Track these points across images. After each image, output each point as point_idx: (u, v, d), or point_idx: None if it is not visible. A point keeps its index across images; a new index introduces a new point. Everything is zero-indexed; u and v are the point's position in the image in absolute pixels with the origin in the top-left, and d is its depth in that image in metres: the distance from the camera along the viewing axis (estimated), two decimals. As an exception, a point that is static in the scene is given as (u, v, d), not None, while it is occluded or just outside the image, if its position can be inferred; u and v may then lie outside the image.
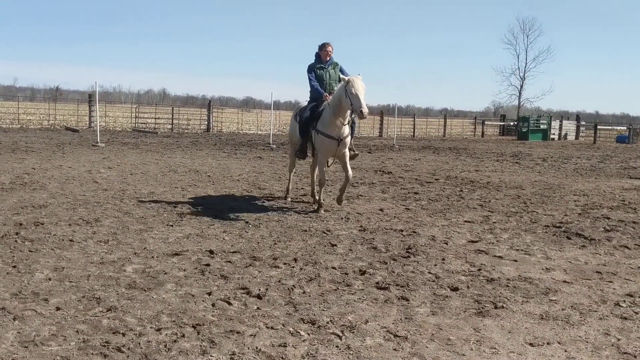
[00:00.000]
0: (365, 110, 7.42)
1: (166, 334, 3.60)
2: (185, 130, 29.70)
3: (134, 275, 4.78)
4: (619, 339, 3.82)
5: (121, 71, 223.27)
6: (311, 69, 8.40)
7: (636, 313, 4.35)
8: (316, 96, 8.40)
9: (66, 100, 58.48)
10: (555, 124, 39.75)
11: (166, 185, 9.91)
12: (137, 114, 31.89)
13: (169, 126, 30.23)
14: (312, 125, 8.25)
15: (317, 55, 8.48)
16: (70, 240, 5.83)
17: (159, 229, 6.52)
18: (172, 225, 6.73)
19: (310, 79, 8.39)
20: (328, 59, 8.43)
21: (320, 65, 8.42)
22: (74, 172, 11.05)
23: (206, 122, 30.58)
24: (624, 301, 4.61)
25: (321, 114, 8.09)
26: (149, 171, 11.80)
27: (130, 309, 4.00)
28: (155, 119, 31.78)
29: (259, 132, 31.51)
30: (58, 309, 3.96)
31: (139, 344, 3.44)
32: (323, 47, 8.42)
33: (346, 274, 5.08)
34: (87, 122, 28.35)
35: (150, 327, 3.70)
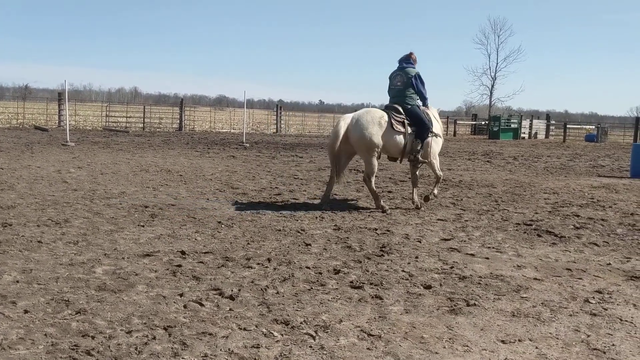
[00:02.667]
0: None
1: (137, 337, 3.54)
2: (157, 129, 29.39)
3: (104, 277, 4.70)
4: (588, 335, 3.88)
5: (92, 69, 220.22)
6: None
7: (605, 309, 4.42)
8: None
9: (35, 98, 57.42)
10: (525, 123, 40.36)
11: (137, 185, 9.78)
12: (108, 113, 31.47)
13: (141, 125, 29.89)
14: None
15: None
16: (39, 242, 5.71)
17: (130, 230, 6.43)
18: (143, 226, 6.63)
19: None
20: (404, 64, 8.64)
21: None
22: (43, 172, 10.84)
23: (178, 121, 30.30)
24: (593, 298, 4.68)
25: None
26: (120, 171, 11.64)
27: (100, 312, 3.93)
28: (127, 117, 31.41)
29: (232, 130, 31.33)
30: (26, 312, 3.86)
31: (109, 347, 3.38)
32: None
33: (320, 273, 5.06)
34: (57, 121, 27.87)
35: (121, 330, 3.64)
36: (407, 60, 8.62)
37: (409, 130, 8.39)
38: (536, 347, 3.65)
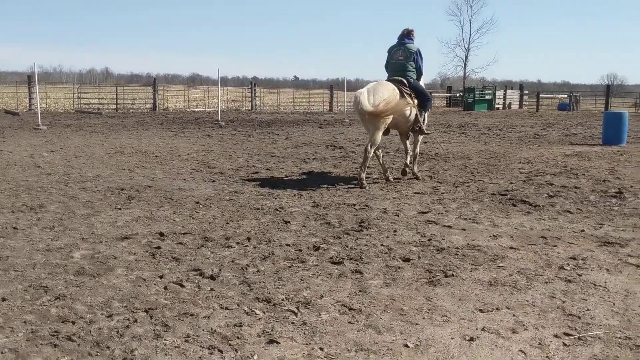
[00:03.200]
0: None
1: (118, 320, 3.54)
2: (131, 110, 28.98)
3: (82, 262, 4.67)
4: (563, 301, 3.98)
5: (61, 51, 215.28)
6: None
7: (579, 275, 4.52)
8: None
9: (4, 82, 55.94)
10: (499, 93, 40.67)
11: (113, 168, 9.67)
12: (79, 95, 30.91)
13: (114, 106, 29.46)
14: None
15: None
16: (14, 228, 5.63)
17: (107, 213, 6.37)
18: (120, 209, 6.58)
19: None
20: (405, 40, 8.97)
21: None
22: (15, 157, 10.64)
23: (152, 101, 29.90)
24: (568, 264, 4.79)
25: None
26: (94, 153, 11.48)
27: (80, 297, 3.91)
28: (99, 99, 30.91)
29: (207, 109, 31.04)
30: (4, 299, 3.83)
31: (90, 331, 3.37)
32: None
33: (300, 250, 5.09)
34: (27, 105, 27.30)
35: (101, 314, 3.63)
36: (408, 36, 8.91)
37: (414, 102, 8.74)
38: (513, 315, 3.73)
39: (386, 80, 8.73)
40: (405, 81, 8.67)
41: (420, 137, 9.37)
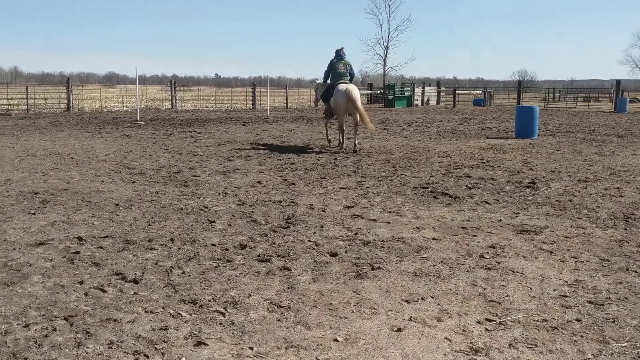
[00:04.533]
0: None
1: (35, 329, 3.35)
2: (43, 111, 27.64)
3: (-7, 271, 4.39)
4: (485, 289, 4.12)
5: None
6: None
7: (498, 263, 4.71)
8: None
9: None
10: (418, 90, 41.74)
11: (25, 171, 9.18)
12: (-15, 95, 29.14)
13: (24, 107, 27.98)
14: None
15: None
16: None
17: (20, 218, 6.04)
18: (34, 214, 6.25)
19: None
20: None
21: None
22: None
23: (66, 101, 28.63)
24: (487, 253, 4.97)
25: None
26: (4, 156, 10.86)
27: (-8, 307, 3.68)
28: (8, 99, 29.31)
29: (125, 108, 30.06)
30: None
31: (6, 342, 3.18)
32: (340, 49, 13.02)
33: (226, 249, 5.02)
34: None
35: (17, 324, 3.43)
36: (342, 52, 12.89)
37: None
38: (438, 304, 3.83)
39: (332, 83, 12.69)
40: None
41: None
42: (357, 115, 12.21)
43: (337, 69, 12.70)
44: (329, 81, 12.93)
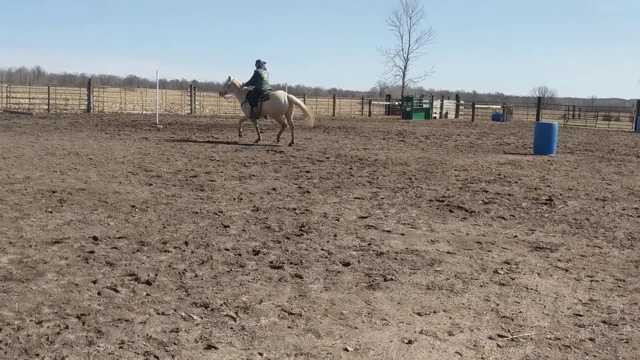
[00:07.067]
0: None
1: (48, 327, 3.38)
2: (64, 111, 27.99)
3: (9, 266, 4.45)
4: (497, 304, 4.09)
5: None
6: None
7: (512, 279, 4.66)
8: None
9: None
10: (436, 103, 41.65)
11: (44, 170, 9.29)
12: (8, 94, 29.57)
13: (45, 107, 28.35)
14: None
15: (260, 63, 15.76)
16: None
17: (37, 216, 6.10)
18: (51, 212, 6.32)
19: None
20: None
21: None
22: None
23: (86, 102, 28.95)
24: (502, 268, 4.93)
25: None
26: (23, 155, 11.00)
27: (7, 302, 3.72)
28: (30, 99, 29.71)
29: (144, 112, 30.34)
30: None
31: (18, 338, 3.21)
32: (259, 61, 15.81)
33: (239, 254, 5.03)
34: (-49, 103, 25.90)
35: (30, 320, 3.46)
36: (264, 63, 15.66)
37: None
38: (450, 318, 3.80)
39: (260, 89, 15.47)
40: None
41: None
42: (296, 116, 14.42)
43: (263, 77, 15.54)
44: (251, 87, 15.51)
